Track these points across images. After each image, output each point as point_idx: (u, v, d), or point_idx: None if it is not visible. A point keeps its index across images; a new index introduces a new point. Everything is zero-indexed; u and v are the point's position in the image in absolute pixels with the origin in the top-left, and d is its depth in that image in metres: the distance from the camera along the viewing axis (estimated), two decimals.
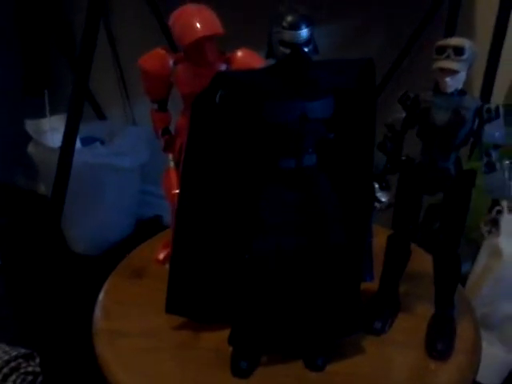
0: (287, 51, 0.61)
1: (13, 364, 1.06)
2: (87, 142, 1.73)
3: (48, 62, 1.89)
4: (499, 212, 0.68)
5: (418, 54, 1.34)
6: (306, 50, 0.61)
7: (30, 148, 1.70)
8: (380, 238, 0.77)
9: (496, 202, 0.68)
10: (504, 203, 0.68)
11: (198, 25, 0.74)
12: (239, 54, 0.80)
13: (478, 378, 0.77)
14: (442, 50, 0.65)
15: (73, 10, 1.79)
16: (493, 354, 1.16)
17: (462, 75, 0.66)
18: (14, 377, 1.04)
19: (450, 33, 1.19)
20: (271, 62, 0.64)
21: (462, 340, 0.74)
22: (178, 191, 0.80)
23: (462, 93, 0.67)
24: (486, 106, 0.66)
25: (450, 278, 0.74)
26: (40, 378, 1.08)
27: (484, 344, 0.77)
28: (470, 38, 0.66)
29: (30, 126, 1.70)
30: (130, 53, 1.78)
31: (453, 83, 0.66)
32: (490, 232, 0.68)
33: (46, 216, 1.49)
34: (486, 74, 1.15)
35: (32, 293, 1.57)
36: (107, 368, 0.72)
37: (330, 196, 0.66)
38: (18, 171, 2.07)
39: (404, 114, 0.71)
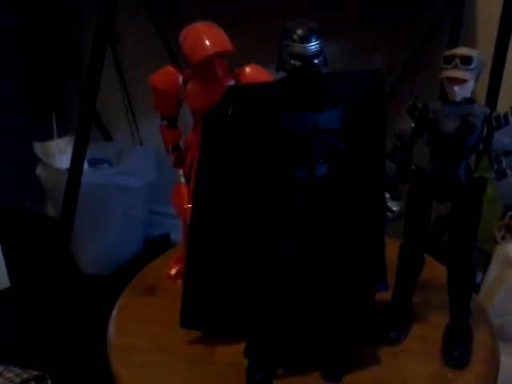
0: (298, 64, 0.62)
1: None
2: (94, 163, 1.75)
3: (55, 84, 1.91)
4: None
5: (423, 65, 1.35)
6: (316, 62, 0.62)
7: (38, 170, 1.71)
8: (391, 248, 0.78)
9: (509, 208, 0.68)
10: None
11: (208, 42, 0.76)
12: (247, 69, 0.81)
13: None
14: (449, 60, 0.66)
15: (79, 33, 1.82)
16: (510, 366, 1.14)
17: (471, 84, 0.67)
18: None
19: (454, 43, 1.21)
20: (281, 74, 0.65)
21: (480, 348, 0.73)
22: (189, 206, 0.81)
23: (470, 101, 0.68)
24: (495, 113, 0.67)
25: (465, 286, 0.74)
26: None
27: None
28: (473, 48, 0.67)
29: (38, 148, 1.72)
30: (135, 74, 1.82)
31: (461, 92, 0.67)
32: (503, 238, 0.68)
33: (55, 238, 1.49)
34: (490, 82, 1.16)
35: (42, 315, 1.56)
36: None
37: (342, 205, 0.67)
38: (25, 194, 2.08)
39: (412, 124, 0.72)
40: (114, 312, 0.85)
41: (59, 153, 1.71)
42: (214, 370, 0.73)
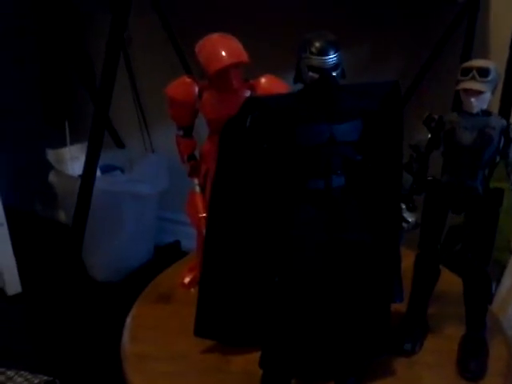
0: (316, 76, 0.62)
1: None
2: (106, 170, 1.76)
3: (68, 92, 1.93)
4: None
5: (435, 74, 1.35)
6: (334, 74, 0.63)
7: (51, 177, 1.72)
8: (407, 259, 0.77)
9: None
10: None
11: (224, 53, 0.76)
12: (263, 80, 0.81)
13: None
14: (466, 72, 0.66)
15: (92, 41, 1.83)
16: None
17: (487, 96, 0.67)
18: None
19: (467, 53, 1.20)
20: (298, 86, 0.66)
21: (495, 361, 0.73)
22: (204, 215, 0.81)
23: (486, 113, 0.68)
24: None
25: (481, 299, 0.74)
26: None
27: None
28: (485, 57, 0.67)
29: (50, 155, 1.73)
30: (148, 82, 1.83)
31: (478, 104, 0.67)
32: None
33: (67, 244, 1.50)
34: (503, 92, 1.16)
35: (53, 320, 1.57)
36: None
37: (359, 216, 0.67)
38: (38, 200, 2.10)
39: (428, 135, 0.72)
40: (128, 320, 0.85)
41: (72, 159, 1.73)
42: (228, 379, 0.73)
